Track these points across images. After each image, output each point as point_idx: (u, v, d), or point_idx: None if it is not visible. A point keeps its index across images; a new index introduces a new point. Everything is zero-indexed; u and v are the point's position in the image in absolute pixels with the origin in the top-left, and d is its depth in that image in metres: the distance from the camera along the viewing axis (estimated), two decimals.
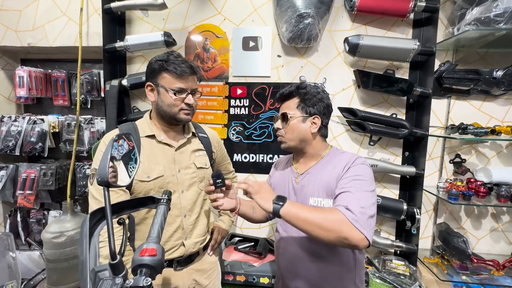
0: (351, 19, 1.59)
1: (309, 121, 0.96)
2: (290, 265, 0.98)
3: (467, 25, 1.32)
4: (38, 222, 1.90)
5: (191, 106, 0.99)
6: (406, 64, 1.57)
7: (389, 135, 1.52)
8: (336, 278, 0.92)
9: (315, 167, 0.98)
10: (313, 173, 0.97)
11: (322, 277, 0.92)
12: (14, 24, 1.76)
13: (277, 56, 1.65)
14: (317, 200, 0.91)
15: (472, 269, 1.44)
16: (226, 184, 0.94)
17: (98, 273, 0.48)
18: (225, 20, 1.66)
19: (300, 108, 0.96)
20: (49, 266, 1.47)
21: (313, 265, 0.93)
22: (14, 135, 1.75)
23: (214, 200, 0.93)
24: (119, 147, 0.65)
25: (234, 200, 0.98)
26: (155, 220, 0.62)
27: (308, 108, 0.96)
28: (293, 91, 0.99)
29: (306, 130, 0.96)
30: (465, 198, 1.41)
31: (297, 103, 0.97)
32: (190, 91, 0.98)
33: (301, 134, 0.96)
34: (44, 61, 1.95)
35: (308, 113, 0.96)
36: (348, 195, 0.81)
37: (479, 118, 1.56)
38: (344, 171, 0.88)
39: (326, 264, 0.92)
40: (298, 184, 0.99)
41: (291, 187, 1.01)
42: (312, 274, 0.93)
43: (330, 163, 0.95)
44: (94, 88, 1.84)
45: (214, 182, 0.92)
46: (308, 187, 0.95)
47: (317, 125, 0.96)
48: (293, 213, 0.78)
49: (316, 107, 0.96)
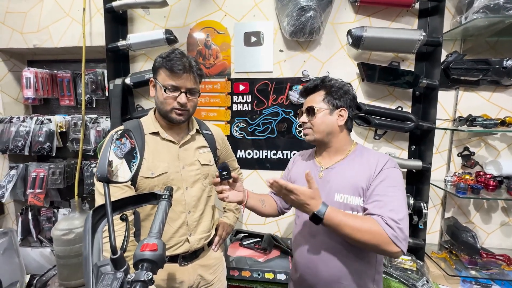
0: (354, 11, 1.55)
1: (335, 114, 0.95)
2: (310, 262, 0.96)
3: (476, 13, 1.27)
4: (48, 219, 1.95)
5: (184, 105, 0.95)
6: (411, 56, 1.53)
7: (394, 128, 1.49)
8: (357, 275, 0.91)
9: (341, 163, 0.96)
10: (338, 168, 0.96)
11: (343, 273, 0.91)
12: (19, 26, 1.79)
13: (279, 51, 1.63)
14: (343, 196, 0.90)
15: (481, 264, 1.41)
16: (233, 176, 0.94)
17: (100, 268, 0.49)
18: (226, 15, 1.65)
19: (327, 101, 0.95)
20: (59, 262, 1.51)
21: (335, 262, 0.91)
22: (23, 135, 1.79)
23: (220, 192, 0.94)
24: (121, 145, 0.65)
25: (241, 192, 0.98)
26: (156, 216, 0.63)
27: (334, 101, 0.95)
28: (318, 84, 0.98)
29: (333, 123, 0.95)
30: (473, 192, 1.37)
31: (323, 96, 0.96)
32: (185, 90, 0.95)
33: (328, 127, 0.95)
34: (50, 62, 1.98)
35: (335, 106, 0.95)
36: (384, 204, 0.82)
37: (488, 110, 1.51)
38: (376, 173, 0.88)
39: (348, 261, 0.91)
40: (321, 178, 0.97)
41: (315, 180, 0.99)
42: (333, 271, 0.91)
43: (357, 160, 0.95)
44: (99, 88, 1.87)
45: (220, 174, 0.91)
46: (334, 182, 0.94)
47: (344, 117, 0.95)
48: (335, 222, 0.80)
49: (343, 100, 0.95)
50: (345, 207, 0.90)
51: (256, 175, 1.73)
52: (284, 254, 1.50)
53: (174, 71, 0.92)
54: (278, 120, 1.66)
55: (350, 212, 0.89)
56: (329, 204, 0.89)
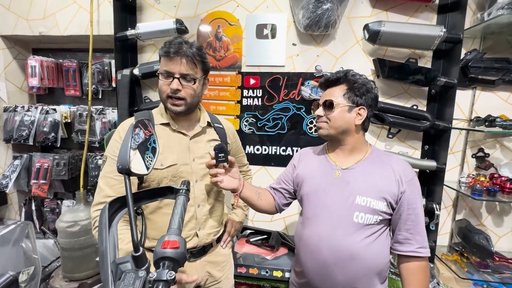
0: (372, 5, 1.50)
1: (354, 112, 0.91)
2: (323, 267, 0.90)
3: (500, 9, 1.23)
4: (52, 211, 1.93)
5: (176, 92, 0.89)
6: (429, 53, 1.49)
7: (409, 127, 1.45)
8: (369, 278, 0.89)
9: (362, 164, 0.93)
10: (360, 170, 0.92)
11: (360, 277, 0.88)
12: (25, 13, 1.74)
13: (292, 44, 1.58)
14: (366, 199, 0.87)
15: (493, 268, 1.39)
16: (229, 160, 0.90)
17: (119, 265, 0.46)
18: (238, 6, 1.60)
19: (347, 97, 0.91)
20: (64, 255, 1.49)
21: (352, 266, 0.87)
22: (27, 125, 1.76)
23: (214, 176, 0.89)
24: (135, 135, 0.62)
25: (236, 180, 0.94)
26: (175, 211, 0.59)
27: (355, 98, 0.90)
28: (341, 77, 0.93)
29: (350, 121, 0.91)
30: (489, 194, 1.34)
31: (345, 91, 0.91)
32: (178, 76, 0.89)
33: (345, 124, 0.91)
34: (56, 51, 1.94)
35: (355, 103, 0.90)
36: (416, 232, 0.88)
37: (506, 110, 1.47)
38: (404, 183, 0.88)
39: (365, 264, 0.88)
40: (339, 178, 0.93)
41: (329, 179, 0.95)
42: (349, 275, 0.88)
43: (378, 163, 0.93)
44: (105, 78, 1.83)
45: (216, 156, 0.86)
46: (356, 184, 0.90)
47: (362, 116, 0.91)
48: None
49: (364, 98, 0.91)
50: (367, 210, 0.87)
51: (264, 171, 1.70)
52: (291, 252, 1.47)
53: (167, 56, 0.88)
54: (288, 115, 1.62)
55: (371, 216, 0.87)
56: (349, 206, 0.88)
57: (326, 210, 0.92)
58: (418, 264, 0.88)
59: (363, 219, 0.87)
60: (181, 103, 0.92)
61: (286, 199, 1.09)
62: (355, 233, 0.87)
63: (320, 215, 0.93)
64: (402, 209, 0.88)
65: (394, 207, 0.89)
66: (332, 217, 0.90)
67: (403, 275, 0.91)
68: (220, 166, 0.89)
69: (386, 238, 0.92)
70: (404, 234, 0.89)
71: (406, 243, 0.89)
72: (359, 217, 0.87)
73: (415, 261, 0.88)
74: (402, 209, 0.88)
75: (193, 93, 0.93)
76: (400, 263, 0.92)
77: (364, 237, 0.87)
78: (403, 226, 0.89)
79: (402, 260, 0.91)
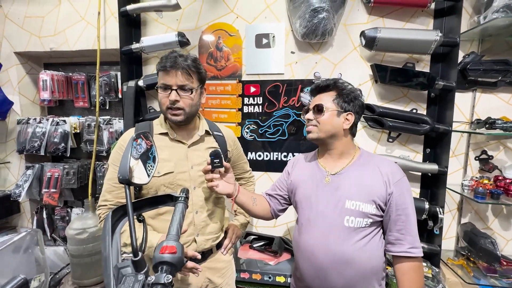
0: (368, 12, 1.53)
1: (342, 117, 0.95)
2: (320, 272, 0.92)
3: (495, 12, 1.24)
4: (62, 219, 1.99)
5: (175, 103, 0.94)
6: (426, 57, 1.50)
7: (409, 131, 1.46)
8: (366, 280, 0.90)
9: (349, 168, 0.96)
10: (347, 174, 0.95)
11: (357, 280, 0.90)
12: (37, 30, 1.85)
13: (291, 52, 1.62)
14: (355, 203, 0.90)
15: (500, 272, 1.36)
16: (225, 165, 0.94)
17: (121, 270, 0.49)
18: (237, 18, 1.65)
19: (336, 102, 0.95)
20: (73, 261, 1.54)
21: (349, 270, 0.89)
22: (39, 136, 1.84)
23: (210, 181, 0.93)
24: (137, 146, 0.66)
25: (232, 185, 0.98)
26: (173, 218, 0.63)
27: (344, 104, 0.95)
28: (330, 84, 0.98)
29: (339, 125, 0.95)
30: (493, 197, 1.33)
31: (334, 97, 0.96)
32: (176, 87, 0.93)
33: (333, 128, 0.95)
34: (65, 65, 2.03)
35: (343, 109, 0.95)
36: (408, 233, 0.89)
37: (507, 112, 1.46)
38: (392, 185, 0.90)
39: (362, 267, 0.89)
40: (329, 184, 0.96)
41: (320, 185, 0.98)
42: (347, 279, 0.90)
43: (366, 166, 0.95)
44: (112, 90, 1.90)
45: (212, 162, 0.90)
46: (344, 189, 0.93)
47: (350, 122, 0.95)
48: None
49: (352, 104, 0.95)
50: (357, 214, 0.89)
51: (266, 177, 1.72)
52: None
53: (164, 70, 0.93)
54: (289, 122, 1.65)
55: (361, 219, 0.89)
56: (340, 211, 0.90)
57: (319, 216, 0.94)
58: (410, 264, 0.89)
59: (354, 223, 0.89)
60: (180, 113, 0.96)
61: (282, 205, 1.12)
62: (347, 237, 0.89)
63: (313, 221, 0.95)
64: (391, 210, 0.89)
65: (384, 208, 0.90)
66: (325, 223, 0.92)
67: (397, 275, 0.91)
68: (216, 172, 0.93)
69: (380, 240, 0.94)
70: (395, 234, 0.90)
71: (397, 243, 0.90)
72: (350, 221, 0.89)
73: (407, 261, 0.89)
74: (391, 210, 0.89)
75: (191, 102, 0.98)
76: (394, 264, 0.93)
77: (357, 241, 0.89)
78: (394, 227, 0.90)
79: (396, 261, 0.92)
